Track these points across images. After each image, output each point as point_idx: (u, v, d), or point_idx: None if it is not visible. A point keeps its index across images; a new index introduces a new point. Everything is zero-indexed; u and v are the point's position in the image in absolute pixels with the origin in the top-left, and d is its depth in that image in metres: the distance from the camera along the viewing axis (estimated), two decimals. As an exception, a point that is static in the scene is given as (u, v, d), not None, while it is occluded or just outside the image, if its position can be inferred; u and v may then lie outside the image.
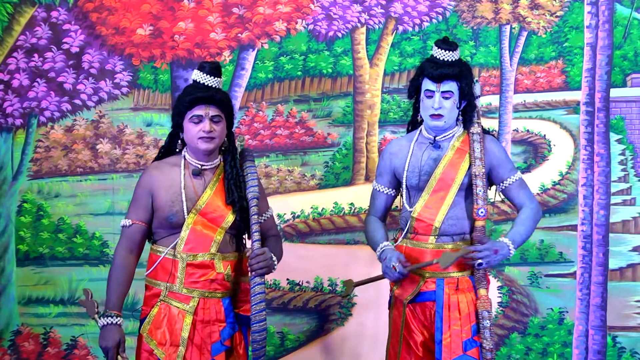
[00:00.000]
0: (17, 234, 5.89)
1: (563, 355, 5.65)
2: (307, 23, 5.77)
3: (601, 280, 5.63)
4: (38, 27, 5.85)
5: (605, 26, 5.59)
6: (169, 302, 4.20)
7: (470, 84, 4.43)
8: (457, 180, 4.41)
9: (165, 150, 4.39)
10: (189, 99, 4.20)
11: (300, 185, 5.82)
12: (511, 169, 4.49)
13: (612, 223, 5.63)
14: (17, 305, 5.90)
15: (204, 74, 4.25)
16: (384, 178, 4.62)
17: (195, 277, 4.20)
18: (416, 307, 4.48)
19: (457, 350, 4.35)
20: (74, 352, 5.89)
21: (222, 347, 4.26)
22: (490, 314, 4.33)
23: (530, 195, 4.50)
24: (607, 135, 5.61)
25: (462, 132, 4.50)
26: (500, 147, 4.53)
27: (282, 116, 5.82)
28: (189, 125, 4.22)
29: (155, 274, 4.25)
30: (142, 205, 4.27)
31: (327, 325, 5.82)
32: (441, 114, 4.40)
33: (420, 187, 4.46)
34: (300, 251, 5.83)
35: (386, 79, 5.76)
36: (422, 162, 4.48)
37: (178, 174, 4.26)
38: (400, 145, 4.60)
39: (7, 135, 5.89)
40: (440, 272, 4.40)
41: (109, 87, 5.86)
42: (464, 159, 4.43)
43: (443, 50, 4.41)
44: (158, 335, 4.17)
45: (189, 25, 5.79)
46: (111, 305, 4.22)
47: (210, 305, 4.25)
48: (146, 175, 4.29)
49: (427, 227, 4.44)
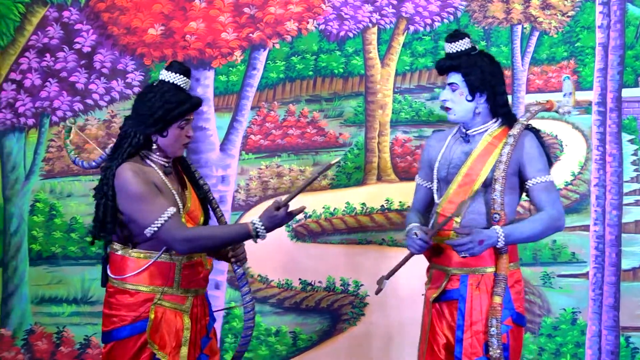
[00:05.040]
0: (29, 233, 5.91)
1: (576, 355, 5.64)
2: (318, 23, 5.76)
3: (614, 281, 5.61)
4: (50, 27, 5.87)
5: (617, 26, 5.57)
6: (162, 305, 4.13)
7: (481, 75, 4.34)
8: (481, 176, 4.35)
9: (134, 152, 4.15)
10: (189, 106, 4.12)
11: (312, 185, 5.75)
12: (540, 169, 4.36)
13: (624, 223, 5.61)
14: (30, 305, 5.93)
15: (183, 76, 4.16)
16: (423, 171, 4.62)
17: (190, 277, 4.19)
18: (443, 307, 4.44)
19: (478, 351, 4.31)
20: (87, 351, 5.91)
21: (208, 339, 4.29)
22: (498, 322, 4.27)
23: (553, 202, 4.36)
24: (619, 135, 5.59)
25: (498, 127, 4.43)
26: (536, 145, 4.39)
27: (293, 116, 5.82)
28: (176, 131, 4.14)
29: (148, 279, 4.14)
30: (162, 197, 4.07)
31: (339, 325, 5.82)
32: (448, 107, 4.39)
33: (448, 180, 4.42)
34: (313, 251, 5.83)
35: (397, 78, 5.75)
36: (453, 155, 4.44)
37: (159, 175, 4.14)
38: (438, 138, 4.60)
39: (20, 134, 5.92)
40: (465, 267, 4.36)
41: (121, 87, 5.87)
42: (491, 154, 4.37)
43: (447, 42, 4.40)
44: (157, 339, 4.11)
45: (201, 25, 5.80)
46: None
47: (200, 301, 4.26)
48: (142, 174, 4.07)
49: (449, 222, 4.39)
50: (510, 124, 4.40)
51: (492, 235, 4.23)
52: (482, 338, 4.31)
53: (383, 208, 5.78)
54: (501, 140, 4.37)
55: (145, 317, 4.12)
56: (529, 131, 4.41)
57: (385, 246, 5.77)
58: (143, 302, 4.14)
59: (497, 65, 4.45)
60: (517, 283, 4.43)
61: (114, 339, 4.16)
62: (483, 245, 4.23)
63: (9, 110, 5.92)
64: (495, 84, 4.38)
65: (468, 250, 4.22)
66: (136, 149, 4.14)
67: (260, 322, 5.79)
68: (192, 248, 4.05)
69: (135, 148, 4.13)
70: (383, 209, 5.78)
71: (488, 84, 4.36)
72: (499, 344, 4.26)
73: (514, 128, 4.34)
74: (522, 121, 4.36)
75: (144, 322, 4.12)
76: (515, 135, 4.32)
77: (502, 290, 4.29)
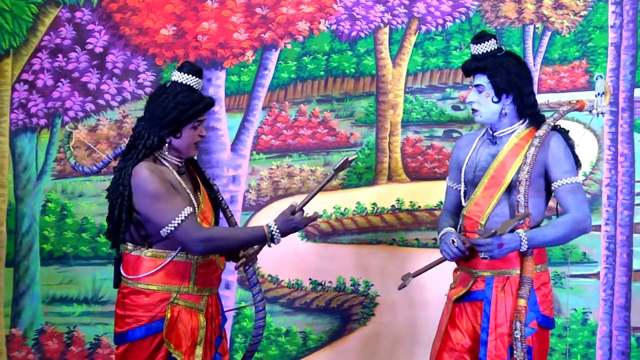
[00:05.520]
0: (41, 233, 5.92)
1: (587, 355, 5.63)
2: (330, 23, 5.77)
3: (625, 281, 5.61)
4: (62, 27, 5.89)
5: (629, 26, 5.57)
6: (177, 304, 4.14)
7: (506, 76, 4.33)
8: (507, 178, 4.34)
9: (148, 153, 4.16)
10: (202, 107, 4.13)
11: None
12: (566, 170, 4.33)
13: (636, 223, 5.60)
14: (41, 305, 5.94)
15: (196, 77, 4.17)
16: (453, 173, 4.62)
17: (205, 277, 4.20)
18: (467, 307, 4.43)
19: (502, 354, 4.29)
20: (98, 351, 5.92)
21: (221, 339, 4.30)
22: (522, 325, 4.24)
23: (579, 204, 4.32)
24: (631, 135, 5.58)
25: (525, 128, 4.42)
26: (563, 146, 4.37)
27: (304, 116, 5.83)
28: (190, 132, 4.15)
29: (164, 279, 4.15)
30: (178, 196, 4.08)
31: (349, 325, 5.83)
32: (475, 109, 4.39)
33: (475, 182, 4.42)
34: (323, 251, 5.83)
35: (409, 79, 5.76)
36: (480, 157, 4.44)
37: (173, 175, 4.15)
38: (468, 140, 4.60)
39: (32, 135, 5.93)
40: (491, 270, 4.35)
41: (133, 87, 5.88)
42: (518, 156, 4.35)
43: (472, 44, 4.39)
44: (173, 338, 4.12)
45: (212, 25, 5.81)
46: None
47: (214, 301, 4.28)
48: (158, 173, 4.07)
49: (473, 224, 4.39)
50: (538, 124, 4.39)
51: (513, 239, 4.22)
52: (506, 341, 4.29)
53: (394, 208, 5.79)
54: (528, 142, 4.36)
55: (161, 317, 4.12)
56: (556, 132, 4.40)
57: (396, 246, 5.78)
58: (159, 302, 4.14)
59: (524, 66, 4.44)
60: (544, 285, 4.41)
61: (129, 340, 4.16)
62: (503, 249, 4.22)
63: (21, 110, 5.93)
64: (521, 84, 4.36)
65: (487, 251, 4.22)
66: (150, 150, 4.15)
67: (270, 322, 5.80)
68: (207, 249, 4.07)
69: (150, 149, 4.14)
70: (394, 209, 5.79)
71: (514, 85, 4.35)
72: (522, 347, 4.24)
73: (541, 129, 4.33)
74: (549, 122, 4.35)
75: (159, 322, 4.13)
76: (541, 137, 4.30)
77: (526, 293, 4.26)
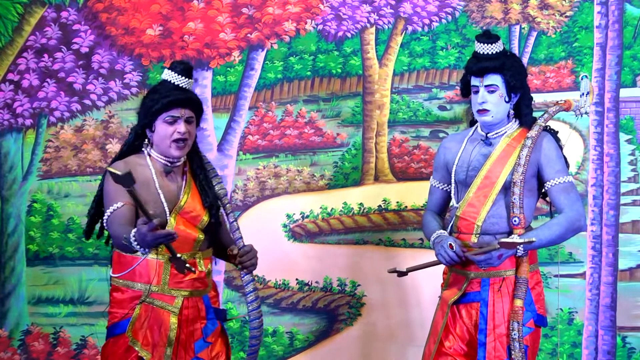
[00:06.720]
0: (27, 233, 5.90)
1: (572, 355, 5.65)
2: (316, 23, 5.77)
3: (611, 281, 5.62)
4: (48, 27, 5.87)
5: (615, 26, 5.58)
6: (151, 303, 4.13)
7: (518, 76, 4.34)
8: (501, 178, 4.35)
9: (129, 148, 4.24)
10: (167, 101, 4.12)
11: (309, 186, 5.82)
12: (558, 170, 4.35)
13: (621, 223, 5.62)
14: (27, 305, 5.92)
15: (177, 74, 4.18)
16: (439, 173, 4.61)
17: (180, 277, 4.15)
18: (461, 309, 4.42)
19: (501, 355, 4.29)
20: (84, 351, 5.90)
21: (205, 344, 4.24)
22: (520, 325, 4.25)
23: (572, 203, 4.33)
24: (616, 135, 5.60)
25: (516, 128, 4.43)
26: (554, 146, 4.39)
27: (291, 116, 5.83)
28: (163, 126, 4.14)
29: (133, 276, 4.15)
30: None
31: (336, 325, 5.83)
32: (486, 109, 4.36)
33: (467, 183, 4.41)
34: (309, 251, 5.83)
35: (395, 79, 5.76)
36: (472, 158, 4.43)
37: (149, 173, 4.16)
38: (454, 140, 4.58)
39: (17, 135, 5.91)
40: (486, 271, 4.35)
41: (119, 87, 5.87)
42: (510, 157, 4.36)
43: (483, 43, 4.36)
44: (141, 336, 4.10)
45: (199, 25, 5.80)
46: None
47: (193, 303, 4.22)
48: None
49: (469, 226, 4.38)
50: (528, 125, 4.40)
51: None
52: (505, 341, 4.29)
53: (380, 208, 5.79)
54: (519, 142, 4.37)
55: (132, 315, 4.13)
56: (546, 132, 4.42)
57: (383, 246, 5.78)
58: (131, 300, 4.16)
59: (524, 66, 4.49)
60: (538, 285, 4.43)
61: (110, 335, 4.20)
62: (502, 258, 4.26)
63: (7, 110, 5.91)
64: (526, 85, 4.41)
65: (488, 264, 4.26)
66: (128, 146, 4.23)
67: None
68: (116, 245, 4.10)
69: (127, 145, 4.23)
70: (380, 209, 5.79)
71: (524, 85, 4.39)
72: (520, 347, 4.25)
73: (532, 130, 4.34)
74: (539, 123, 4.36)
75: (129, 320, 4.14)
76: (533, 137, 4.31)
77: (523, 293, 4.28)
